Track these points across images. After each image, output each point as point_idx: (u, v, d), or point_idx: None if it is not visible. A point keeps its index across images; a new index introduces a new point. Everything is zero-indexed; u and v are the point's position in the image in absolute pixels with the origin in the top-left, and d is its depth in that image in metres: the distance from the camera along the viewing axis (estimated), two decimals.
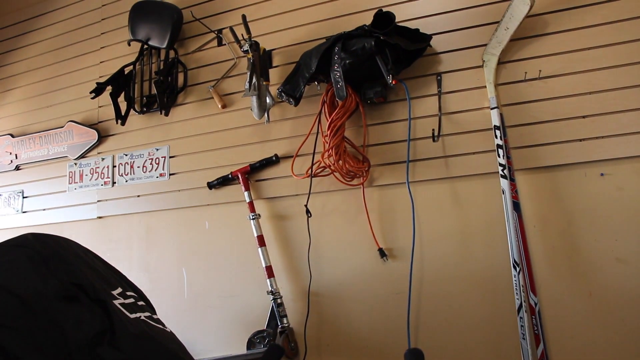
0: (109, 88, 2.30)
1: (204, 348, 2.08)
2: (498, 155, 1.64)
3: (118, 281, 1.37)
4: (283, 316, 1.89)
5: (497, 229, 1.68)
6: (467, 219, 1.76)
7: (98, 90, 2.28)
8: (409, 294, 1.72)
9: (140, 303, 1.35)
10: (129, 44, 2.39)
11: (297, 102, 1.94)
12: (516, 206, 1.64)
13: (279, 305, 1.90)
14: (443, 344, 1.73)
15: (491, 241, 1.70)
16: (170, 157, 2.32)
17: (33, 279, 1.10)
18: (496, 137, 1.66)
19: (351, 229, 1.92)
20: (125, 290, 1.33)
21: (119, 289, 1.30)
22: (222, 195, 2.18)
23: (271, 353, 1.75)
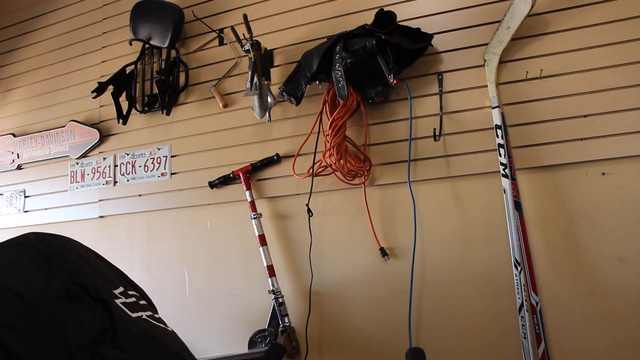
0: (111, 87, 2.30)
1: (206, 347, 2.09)
2: (499, 154, 1.64)
3: (120, 280, 1.37)
4: (284, 315, 1.90)
5: (499, 228, 1.68)
6: (469, 218, 1.76)
7: (99, 89, 2.28)
8: (410, 293, 1.72)
9: (141, 302, 1.36)
10: (131, 44, 2.39)
11: (299, 102, 1.94)
12: (517, 205, 1.64)
13: (280, 304, 1.90)
14: (444, 343, 1.73)
15: (492, 240, 1.70)
16: (171, 157, 2.33)
17: (35, 279, 1.11)
18: (497, 137, 1.65)
19: (352, 228, 1.92)
20: (127, 289, 1.34)
21: (121, 288, 1.31)
22: (224, 194, 2.18)
23: (272, 352, 1.75)
